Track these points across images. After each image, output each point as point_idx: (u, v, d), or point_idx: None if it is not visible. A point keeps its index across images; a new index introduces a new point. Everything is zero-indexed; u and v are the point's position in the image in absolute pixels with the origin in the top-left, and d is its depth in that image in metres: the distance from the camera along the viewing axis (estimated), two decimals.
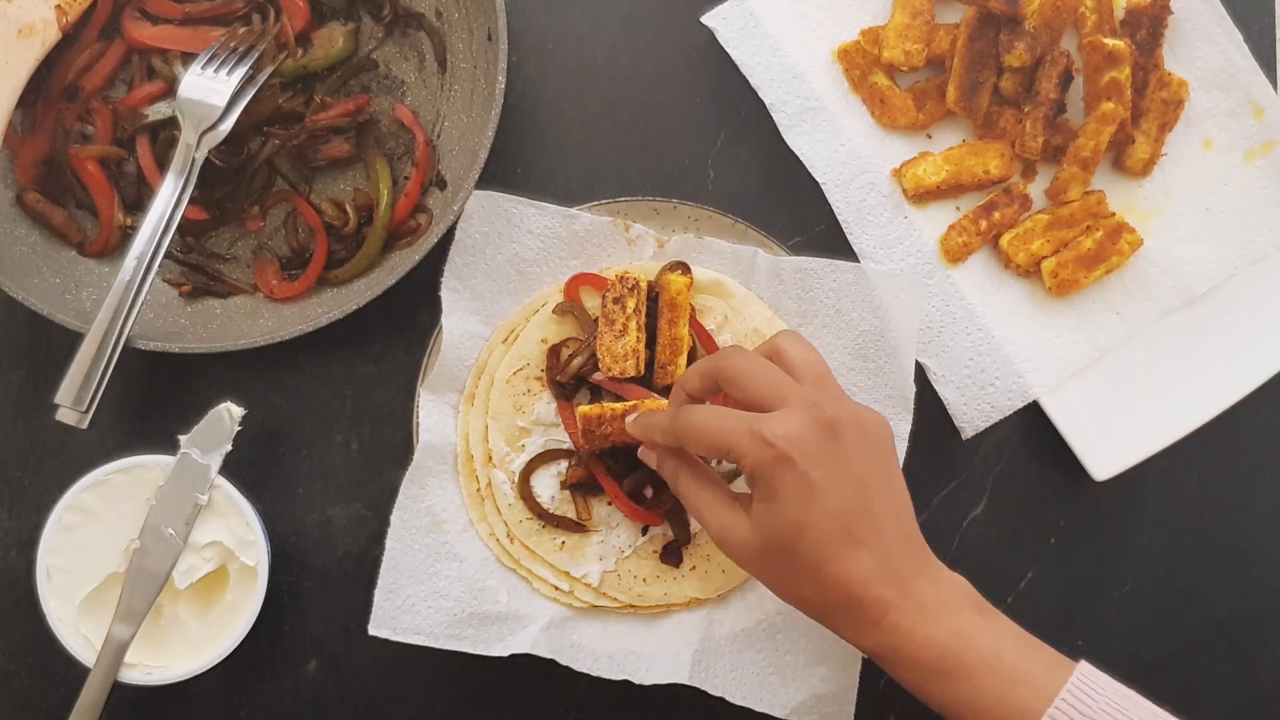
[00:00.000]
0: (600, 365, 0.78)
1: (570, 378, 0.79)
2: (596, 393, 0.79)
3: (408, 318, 0.82)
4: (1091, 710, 0.60)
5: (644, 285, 0.77)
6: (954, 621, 0.63)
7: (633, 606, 0.79)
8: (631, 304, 0.77)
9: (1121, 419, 0.81)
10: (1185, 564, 0.85)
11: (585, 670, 0.77)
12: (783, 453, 0.62)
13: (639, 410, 0.74)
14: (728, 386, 0.67)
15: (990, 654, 0.62)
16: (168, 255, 0.79)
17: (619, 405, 0.75)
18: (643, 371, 0.77)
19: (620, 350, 0.77)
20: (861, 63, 0.83)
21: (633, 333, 0.77)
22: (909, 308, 0.78)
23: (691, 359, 0.79)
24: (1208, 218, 0.83)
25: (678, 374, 0.77)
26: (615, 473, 0.79)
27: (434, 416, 0.79)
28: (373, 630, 0.76)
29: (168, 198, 0.77)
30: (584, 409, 0.75)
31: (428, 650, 0.77)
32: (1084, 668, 0.63)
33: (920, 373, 0.81)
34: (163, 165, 0.79)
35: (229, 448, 0.76)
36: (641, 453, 0.73)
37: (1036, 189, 0.84)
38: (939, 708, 0.64)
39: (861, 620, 0.64)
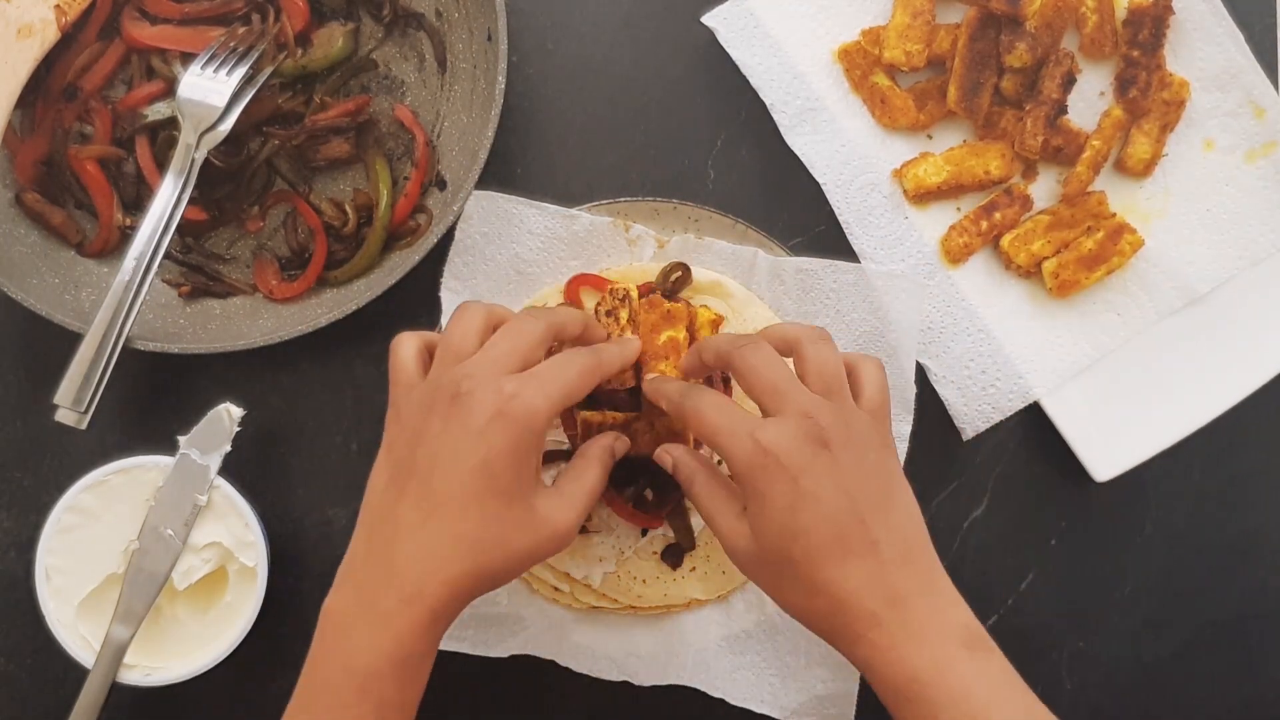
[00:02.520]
0: None
1: None
2: (593, 394, 0.78)
3: (408, 318, 0.82)
4: None
5: (635, 294, 0.76)
6: (935, 650, 0.60)
7: (633, 608, 0.79)
8: (624, 315, 0.75)
9: (1122, 420, 0.81)
10: (1185, 564, 0.85)
11: (585, 671, 0.77)
12: (772, 459, 0.61)
13: (642, 417, 0.74)
14: (736, 378, 0.67)
15: (959, 693, 0.59)
16: (167, 255, 0.79)
17: (620, 414, 0.75)
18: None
19: None
20: (862, 63, 0.83)
21: None
22: (909, 308, 0.78)
23: None
24: (1209, 218, 0.83)
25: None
26: (613, 476, 0.78)
27: None
28: None
29: (167, 198, 0.76)
30: (585, 414, 0.75)
31: None
32: None
33: (921, 374, 0.81)
34: (162, 165, 0.79)
35: (228, 448, 0.76)
36: (658, 454, 0.72)
37: (1037, 189, 0.83)
38: None
39: (845, 632, 0.62)
